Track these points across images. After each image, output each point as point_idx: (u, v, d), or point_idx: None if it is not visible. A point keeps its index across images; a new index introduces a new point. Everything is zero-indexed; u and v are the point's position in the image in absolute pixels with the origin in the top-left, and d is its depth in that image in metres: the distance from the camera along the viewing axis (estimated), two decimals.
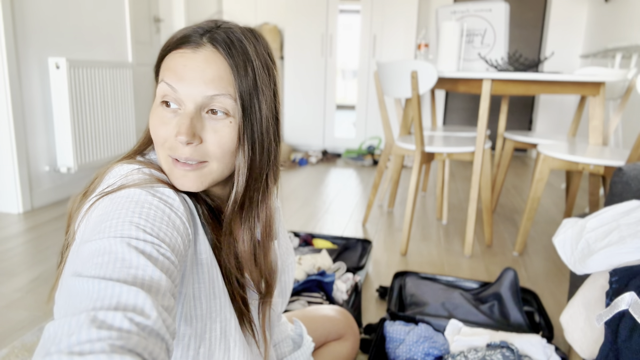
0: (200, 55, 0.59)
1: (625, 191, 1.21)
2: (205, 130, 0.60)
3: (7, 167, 2.41)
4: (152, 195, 0.56)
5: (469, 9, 2.41)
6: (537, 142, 2.46)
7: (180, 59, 0.60)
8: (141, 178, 0.59)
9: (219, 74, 0.59)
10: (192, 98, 0.59)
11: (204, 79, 0.58)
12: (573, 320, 0.95)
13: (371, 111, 4.44)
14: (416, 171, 2.06)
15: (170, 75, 0.59)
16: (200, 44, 0.60)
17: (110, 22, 3.01)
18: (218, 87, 0.59)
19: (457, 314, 1.42)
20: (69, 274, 0.46)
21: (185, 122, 0.58)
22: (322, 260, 1.70)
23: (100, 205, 0.55)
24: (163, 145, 0.61)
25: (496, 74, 1.94)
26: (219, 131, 0.60)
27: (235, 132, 0.61)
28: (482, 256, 2.09)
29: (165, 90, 0.60)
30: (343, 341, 1.12)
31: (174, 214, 0.56)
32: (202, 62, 0.59)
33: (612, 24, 3.78)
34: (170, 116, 0.60)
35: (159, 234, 0.51)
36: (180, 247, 0.54)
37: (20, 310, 1.50)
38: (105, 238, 0.48)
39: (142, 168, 0.61)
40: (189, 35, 0.61)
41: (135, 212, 0.52)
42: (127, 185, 0.56)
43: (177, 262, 0.52)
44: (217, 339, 0.63)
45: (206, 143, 0.60)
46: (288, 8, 4.35)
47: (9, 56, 2.30)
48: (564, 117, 4.63)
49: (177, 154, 0.60)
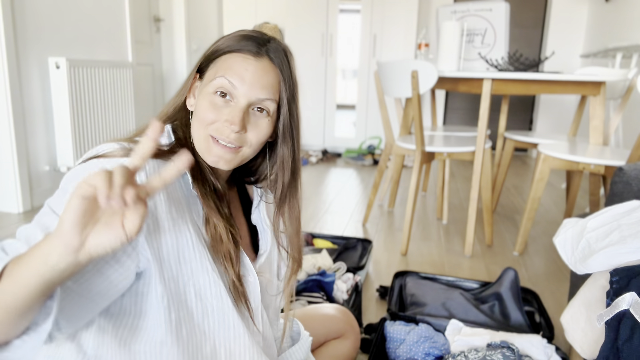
0: (261, 64, 0.72)
1: (625, 191, 1.21)
2: (249, 123, 0.72)
3: (7, 166, 2.41)
4: (113, 163, 0.63)
5: (470, 8, 2.41)
6: (538, 142, 2.46)
7: (243, 62, 0.71)
8: (119, 152, 0.66)
9: (272, 83, 0.73)
10: (247, 97, 0.71)
11: (261, 84, 0.71)
12: (574, 320, 0.95)
13: (371, 111, 4.44)
14: (416, 171, 2.06)
15: (233, 74, 0.71)
16: (260, 54, 0.73)
17: (110, 22, 3.00)
18: (270, 93, 0.72)
19: (458, 314, 1.42)
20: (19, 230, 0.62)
21: (239, 114, 0.70)
22: (323, 260, 1.70)
23: (71, 170, 0.65)
24: (208, 126, 0.71)
25: (496, 74, 1.94)
26: (260, 126, 0.73)
27: (270, 129, 0.75)
28: (483, 256, 2.08)
29: (223, 84, 0.71)
30: (343, 339, 1.12)
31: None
32: (261, 70, 0.72)
33: (613, 23, 3.77)
34: (221, 104, 0.71)
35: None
36: None
37: None
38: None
39: (129, 142, 0.69)
40: (249, 44, 0.73)
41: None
42: (101, 155, 0.65)
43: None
44: (192, 302, 0.68)
45: (249, 133, 0.72)
46: (288, 8, 4.35)
47: (9, 56, 2.30)
48: (564, 116, 4.62)
49: (222, 137, 0.70)
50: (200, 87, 0.74)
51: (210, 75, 0.73)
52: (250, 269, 0.77)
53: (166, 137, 0.74)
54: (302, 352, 0.94)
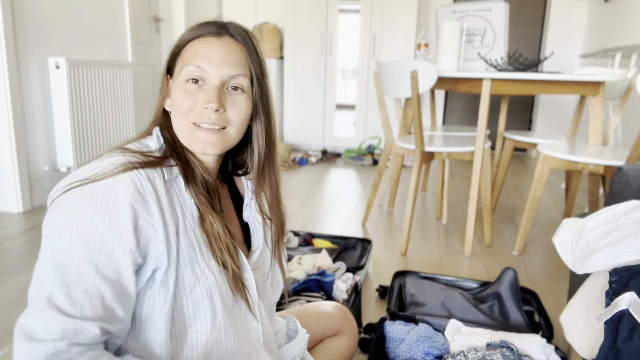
0: (224, 42, 0.74)
1: (625, 191, 1.21)
2: (227, 102, 0.74)
3: (7, 166, 2.41)
4: (108, 191, 0.63)
5: (469, 8, 2.41)
6: (537, 142, 2.46)
7: (206, 44, 0.73)
8: (110, 165, 0.66)
9: (239, 58, 0.74)
10: (219, 76, 0.72)
11: (229, 61, 0.73)
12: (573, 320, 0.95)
13: (371, 111, 4.44)
14: (416, 171, 2.06)
15: (199, 59, 0.72)
16: (221, 34, 0.74)
17: (110, 22, 3.00)
18: (239, 69, 0.74)
19: (457, 313, 1.42)
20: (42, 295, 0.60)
21: (215, 92, 0.71)
22: (322, 259, 1.70)
23: (65, 199, 0.64)
24: (188, 114, 0.72)
25: (496, 74, 1.94)
26: (238, 103, 0.74)
27: (249, 105, 0.76)
28: (482, 256, 2.09)
29: (193, 71, 0.72)
30: (340, 337, 1.12)
31: (127, 208, 0.63)
32: (226, 48, 0.73)
33: (612, 23, 3.78)
34: (195, 90, 0.72)
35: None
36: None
37: (20, 310, 1.50)
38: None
39: (123, 153, 0.69)
40: (208, 28, 0.74)
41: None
42: (93, 179, 0.64)
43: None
44: (185, 301, 0.70)
45: (228, 112, 0.74)
46: (288, 8, 4.35)
47: (8, 56, 2.30)
48: (563, 116, 4.63)
49: (204, 120, 0.71)
50: (172, 83, 0.76)
51: (178, 69, 0.75)
52: (246, 265, 0.79)
53: (155, 140, 0.75)
54: (298, 349, 0.94)
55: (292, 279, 1.53)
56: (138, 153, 0.70)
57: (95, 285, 0.61)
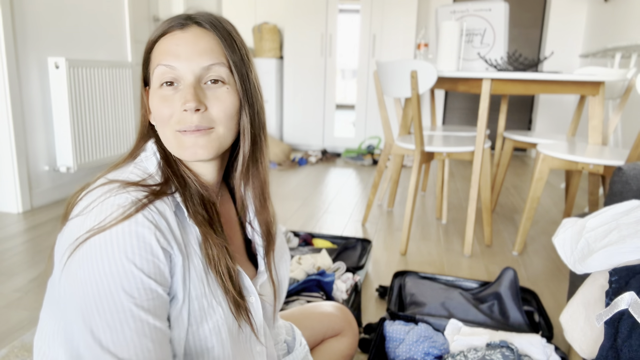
0: (189, 32, 0.66)
1: (624, 191, 1.21)
2: (208, 98, 0.66)
3: (6, 166, 2.40)
4: (133, 236, 0.58)
5: (469, 8, 2.41)
6: (537, 142, 2.46)
7: (171, 40, 0.66)
8: (120, 208, 0.59)
9: (210, 46, 0.66)
10: (191, 70, 0.64)
11: (197, 51, 0.65)
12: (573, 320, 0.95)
13: (371, 111, 4.44)
14: (416, 171, 2.06)
15: (166, 57, 0.65)
16: (186, 25, 0.67)
17: (109, 22, 3.00)
18: (212, 57, 0.65)
19: (457, 313, 1.42)
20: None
21: (190, 90, 0.64)
22: (322, 259, 1.70)
23: (82, 258, 0.57)
24: (169, 122, 0.65)
25: (496, 74, 1.94)
26: (220, 97, 0.66)
27: (234, 97, 0.68)
28: (482, 256, 2.09)
29: (163, 71, 0.65)
30: (341, 337, 1.12)
31: (155, 245, 0.59)
32: (192, 37, 0.65)
33: (612, 23, 3.78)
34: (172, 93, 0.65)
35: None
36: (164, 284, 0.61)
37: (20, 310, 1.50)
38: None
39: (126, 189, 0.62)
40: (172, 22, 0.67)
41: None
42: (105, 227, 0.57)
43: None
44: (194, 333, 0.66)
45: (211, 110, 0.66)
46: (288, 8, 4.35)
47: (8, 56, 2.30)
48: (563, 116, 4.63)
49: (187, 125, 0.64)
50: (150, 91, 0.69)
51: (151, 74, 0.68)
52: (252, 289, 0.74)
53: (152, 159, 0.69)
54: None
55: (292, 279, 1.53)
56: (140, 186, 0.63)
57: (153, 334, 0.58)
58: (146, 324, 0.57)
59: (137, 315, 0.57)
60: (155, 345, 0.58)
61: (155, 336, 0.58)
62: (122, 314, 0.56)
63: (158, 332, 0.59)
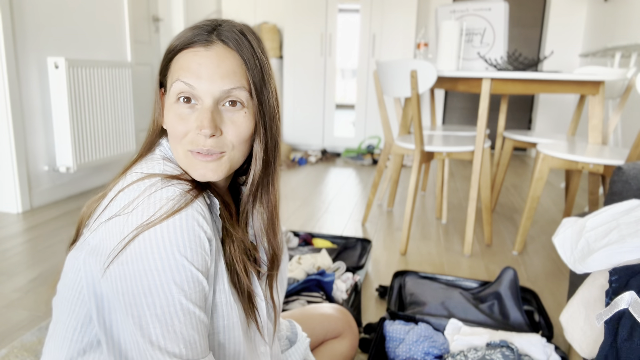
0: (213, 52, 0.63)
1: (624, 190, 1.21)
2: (224, 122, 0.64)
3: (6, 167, 2.40)
4: (184, 230, 0.58)
5: (469, 8, 2.41)
6: (537, 141, 2.46)
7: (194, 57, 0.63)
8: (169, 201, 0.59)
9: (233, 69, 0.63)
10: (210, 93, 0.62)
11: (220, 74, 0.62)
12: (573, 320, 0.95)
13: (370, 110, 4.44)
14: (416, 170, 2.06)
15: (187, 74, 0.63)
16: (210, 42, 0.64)
17: (109, 22, 3.00)
18: (233, 81, 0.63)
19: (457, 313, 1.42)
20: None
21: (207, 115, 0.62)
22: (322, 259, 1.70)
23: (138, 250, 0.57)
24: (182, 140, 0.64)
25: (496, 73, 1.94)
26: (236, 122, 0.64)
27: (250, 122, 0.66)
28: (482, 255, 2.09)
29: (181, 88, 0.63)
30: (341, 339, 1.12)
31: (204, 237, 0.61)
32: (215, 59, 0.63)
33: (612, 23, 3.78)
34: (188, 112, 0.64)
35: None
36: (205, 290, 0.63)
37: (20, 310, 1.50)
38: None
39: (170, 182, 0.62)
40: (197, 35, 0.64)
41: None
42: (155, 222, 0.57)
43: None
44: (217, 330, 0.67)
45: (226, 134, 0.64)
46: (287, 7, 4.35)
47: (7, 56, 2.29)
48: (563, 116, 4.63)
49: (199, 147, 0.63)
50: (166, 100, 0.67)
51: (169, 83, 0.66)
52: (258, 290, 0.75)
53: (170, 153, 0.69)
54: (298, 355, 0.93)
55: (292, 279, 1.53)
56: (182, 180, 0.63)
57: (198, 326, 0.60)
58: (194, 315, 0.59)
59: (187, 307, 0.58)
60: (200, 337, 0.60)
61: (200, 327, 0.60)
62: (172, 307, 0.57)
63: (202, 323, 0.60)
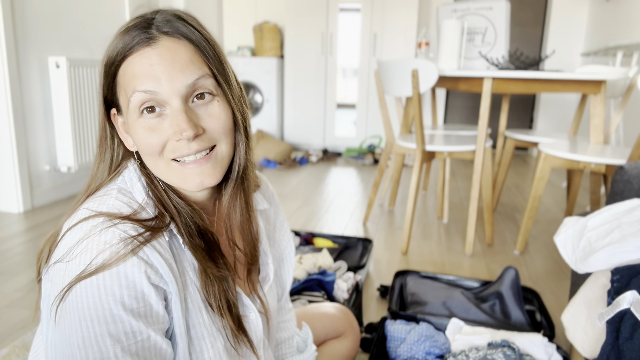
0: (161, 47, 0.57)
1: (626, 189, 1.21)
2: (201, 119, 0.59)
3: (7, 166, 2.41)
4: (122, 277, 0.53)
5: (470, 7, 2.41)
6: (538, 141, 2.45)
7: (142, 60, 0.56)
8: (108, 247, 0.53)
9: (189, 58, 0.57)
10: (176, 93, 0.56)
11: (178, 68, 0.56)
12: (574, 319, 0.95)
13: (372, 110, 4.44)
14: (417, 170, 2.06)
15: (142, 81, 0.56)
16: (152, 38, 0.57)
17: (110, 21, 3.00)
18: (194, 72, 0.57)
19: (458, 313, 1.42)
20: None
21: (182, 117, 0.56)
22: (323, 259, 1.70)
23: (72, 304, 0.52)
24: (161, 153, 0.59)
25: (497, 73, 1.94)
26: (214, 114, 0.59)
27: (227, 109, 0.61)
28: (483, 255, 2.08)
29: (142, 98, 0.56)
30: (343, 339, 1.12)
31: (146, 284, 0.54)
32: (167, 54, 0.56)
33: (613, 22, 3.77)
34: (157, 121, 0.58)
35: None
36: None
37: (21, 309, 1.50)
38: None
39: (113, 223, 0.55)
40: (134, 36, 0.58)
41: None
42: (91, 272, 0.52)
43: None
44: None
45: (209, 130, 0.59)
46: (288, 7, 4.35)
47: (9, 55, 2.30)
48: (565, 115, 4.62)
49: (185, 152, 0.58)
50: (126, 119, 0.60)
51: (123, 101, 0.59)
52: (250, 306, 0.70)
53: (138, 187, 0.62)
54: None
55: (293, 278, 1.53)
56: (133, 220, 0.56)
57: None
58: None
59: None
60: None
61: None
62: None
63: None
